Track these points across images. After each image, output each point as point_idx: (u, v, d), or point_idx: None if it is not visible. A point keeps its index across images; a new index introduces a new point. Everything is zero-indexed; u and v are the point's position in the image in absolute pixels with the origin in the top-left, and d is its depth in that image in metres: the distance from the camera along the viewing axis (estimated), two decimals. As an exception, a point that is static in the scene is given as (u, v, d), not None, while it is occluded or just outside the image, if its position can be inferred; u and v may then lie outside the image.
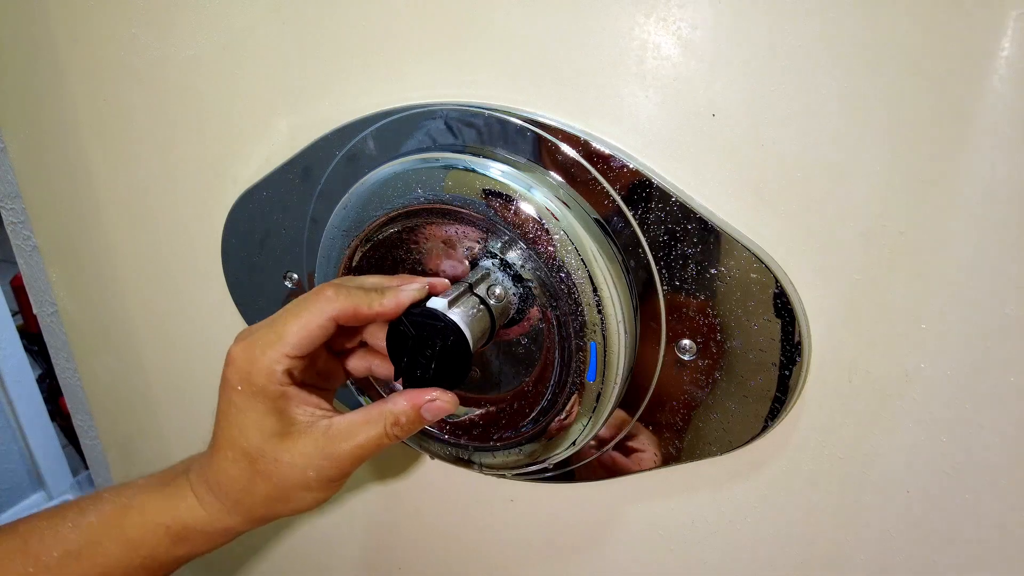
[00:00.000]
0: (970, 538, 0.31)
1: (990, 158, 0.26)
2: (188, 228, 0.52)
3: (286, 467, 0.31)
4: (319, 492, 0.33)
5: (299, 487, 0.32)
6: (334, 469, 0.32)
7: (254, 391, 0.31)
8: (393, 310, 0.32)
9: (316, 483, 0.32)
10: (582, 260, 0.32)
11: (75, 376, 0.71)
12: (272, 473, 0.32)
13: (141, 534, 0.34)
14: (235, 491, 0.33)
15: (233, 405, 0.32)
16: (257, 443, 0.32)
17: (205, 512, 0.33)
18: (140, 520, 0.34)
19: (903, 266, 0.29)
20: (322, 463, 0.31)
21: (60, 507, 0.35)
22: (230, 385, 0.32)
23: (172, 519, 0.34)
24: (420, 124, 0.36)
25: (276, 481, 0.32)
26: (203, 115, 0.46)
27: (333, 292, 0.32)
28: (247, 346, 0.32)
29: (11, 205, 0.63)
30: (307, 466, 0.31)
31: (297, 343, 0.31)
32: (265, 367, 0.31)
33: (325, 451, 0.31)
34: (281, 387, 0.31)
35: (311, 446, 0.31)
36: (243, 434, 0.32)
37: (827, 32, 0.27)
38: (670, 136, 0.31)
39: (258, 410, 0.31)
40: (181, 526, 0.34)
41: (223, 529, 0.34)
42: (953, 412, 0.30)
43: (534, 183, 0.33)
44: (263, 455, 0.32)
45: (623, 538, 0.42)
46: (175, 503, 0.34)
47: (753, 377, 0.32)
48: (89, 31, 0.48)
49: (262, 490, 0.32)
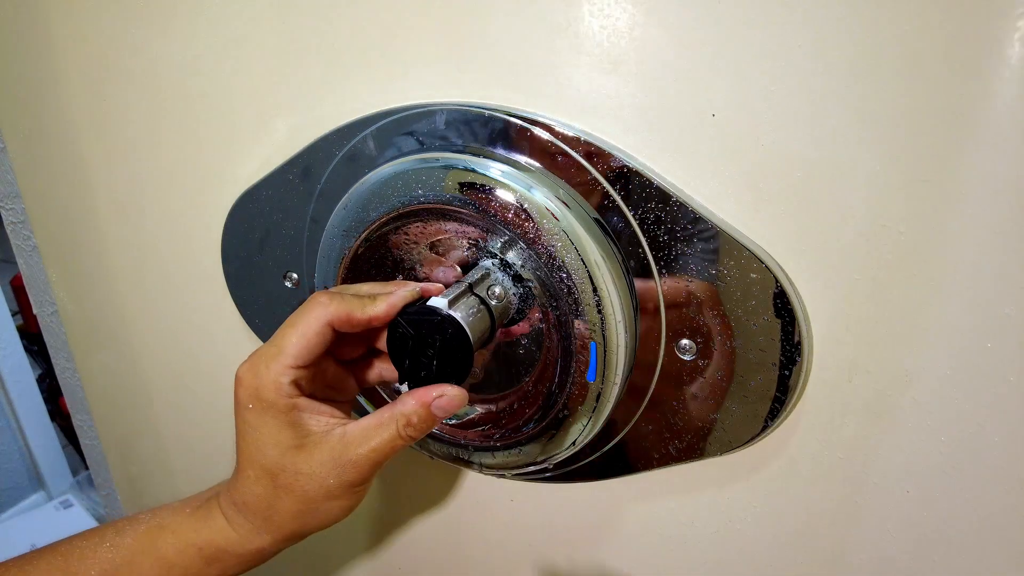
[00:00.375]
0: (970, 538, 0.31)
1: (990, 158, 0.26)
2: (188, 228, 0.52)
3: (306, 479, 0.32)
4: (344, 500, 0.33)
5: (323, 497, 0.32)
6: (354, 474, 0.32)
7: (264, 407, 0.32)
8: (385, 312, 0.32)
9: (339, 491, 0.32)
10: (582, 260, 0.32)
11: (75, 376, 0.71)
12: (294, 486, 0.32)
13: (175, 555, 0.34)
14: (262, 509, 0.33)
15: (248, 424, 0.32)
16: (275, 458, 0.32)
17: (236, 534, 0.34)
18: (174, 541, 0.35)
19: (903, 266, 0.29)
20: (341, 470, 0.32)
21: (99, 528, 0.36)
22: (242, 405, 0.32)
23: (205, 541, 0.34)
24: (420, 124, 0.36)
25: (300, 494, 0.32)
26: (203, 115, 0.46)
27: (327, 299, 0.32)
28: (252, 364, 0.32)
29: (11, 205, 0.63)
30: (327, 475, 0.32)
31: (297, 353, 0.32)
32: (272, 381, 0.31)
33: (342, 458, 0.32)
34: (290, 399, 0.32)
35: (327, 454, 0.32)
36: (260, 451, 0.32)
37: (827, 32, 0.27)
38: (670, 136, 0.31)
39: (271, 425, 0.32)
40: (213, 548, 0.34)
41: (255, 550, 0.34)
42: (953, 412, 0.30)
43: (534, 183, 0.33)
44: (283, 469, 0.32)
45: (623, 538, 0.42)
46: (206, 524, 0.34)
47: (753, 377, 0.32)
48: (89, 31, 0.48)
49: (288, 505, 0.32)
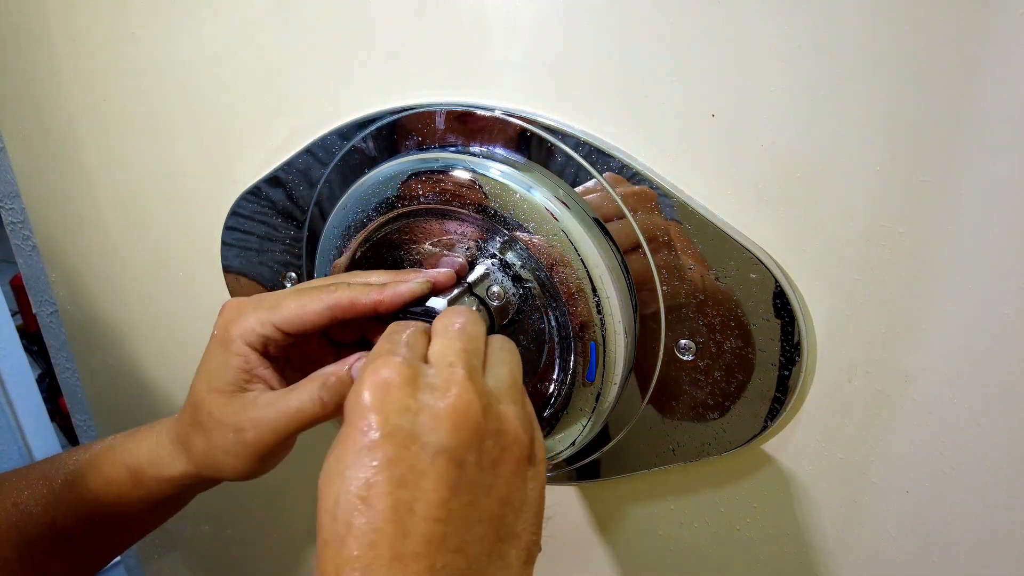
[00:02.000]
0: (970, 538, 0.31)
1: (990, 158, 0.26)
2: (188, 228, 0.52)
3: (215, 423, 0.31)
4: (237, 461, 0.31)
5: (221, 448, 0.31)
6: (252, 434, 0.30)
7: (224, 340, 0.32)
8: (391, 300, 0.31)
9: (234, 447, 0.31)
10: (581, 260, 0.32)
11: (75, 376, 0.71)
12: (204, 425, 0.32)
13: (111, 471, 0.35)
14: (183, 436, 0.33)
15: (208, 349, 0.33)
16: (203, 392, 0.32)
17: (157, 456, 0.34)
18: (112, 459, 0.35)
19: (903, 266, 0.29)
20: (242, 424, 0.30)
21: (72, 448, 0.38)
22: (214, 329, 0.33)
23: (132, 460, 0.35)
24: (420, 124, 0.36)
25: (207, 437, 0.32)
26: (203, 115, 0.46)
27: (335, 284, 0.32)
28: (240, 301, 0.32)
29: (11, 205, 0.63)
30: (230, 426, 0.31)
31: (288, 317, 0.31)
32: (245, 324, 0.31)
33: (249, 412, 0.30)
34: (248, 348, 0.31)
35: (238, 405, 0.31)
36: (198, 381, 0.32)
37: (827, 31, 0.27)
38: (670, 136, 0.31)
39: (217, 360, 0.32)
40: (137, 467, 0.34)
41: (173, 477, 0.34)
42: (953, 412, 0.30)
43: (534, 183, 0.33)
44: (202, 405, 0.32)
45: (623, 538, 0.42)
46: (138, 445, 0.35)
47: (753, 377, 0.32)
48: (89, 31, 0.48)
49: (198, 442, 0.32)
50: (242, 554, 0.66)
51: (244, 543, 0.65)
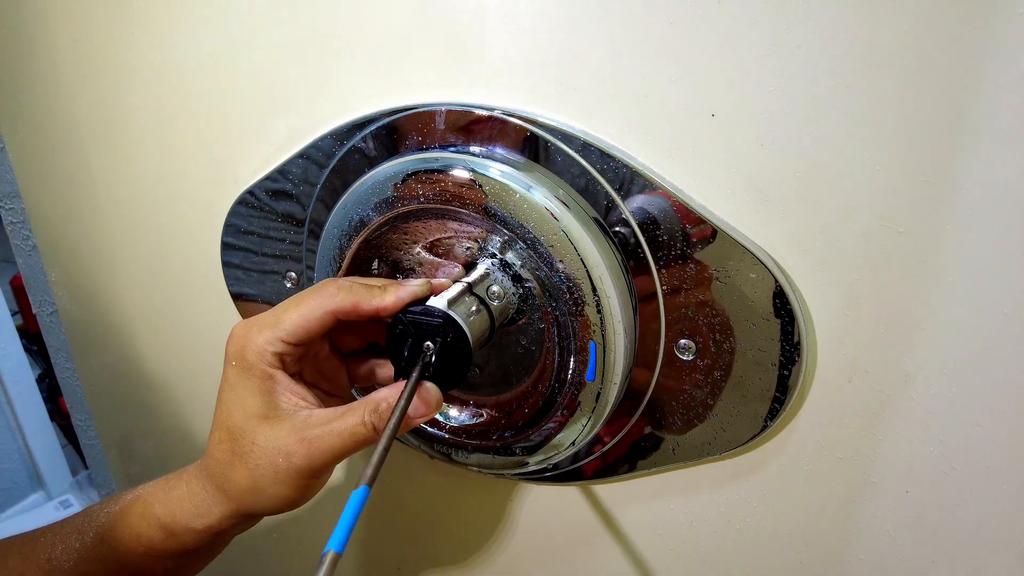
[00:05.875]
0: (970, 538, 0.31)
1: (990, 158, 0.26)
2: (188, 228, 0.52)
3: (260, 451, 0.31)
4: (285, 488, 0.31)
5: (271, 478, 0.31)
6: (304, 458, 0.30)
7: (244, 367, 0.32)
8: (392, 304, 0.32)
9: (285, 473, 0.31)
10: (581, 260, 0.32)
11: (74, 376, 0.71)
12: (248, 455, 0.31)
13: (141, 525, 0.34)
14: (218, 475, 0.32)
15: (227, 381, 0.32)
16: (239, 421, 0.32)
17: (191, 504, 0.33)
18: (141, 511, 0.34)
19: (903, 266, 0.29)
20: (293, 448, 0.30)
21: (108, 497, 0.37)
22: (227, 360, 0.32)
23: (164, 512, 0.34)
24: (420, 124, 0.36)
25: (252, 467, 0.31)
26: (203, 115, 0.46)
27: (335, 288, 0.32)
28: (247, 324, 0.32)
29: (11, 205, 0.63)
30: (279, 451, 0.30)
31: (292, 329, 0.32)
32: (258, 346, 0.31)
33: (298, 435, 0.30)
34: (270, 368, 0.32)
35: (286, 429, 0.31)
36: (229, 412, 0.32)
37: (827, 32, 0.27)
38: (670, 136, 0.31)
39: (245, 387, 0.32)
40: (170, 518, 0.34)
41: (206, 527, 0.33)
42: (953, 412, 0.30)
43: (533, 183, 0.33)
44: (243, 435, 0.31)
45: (623, 538, 0.42)
46: (168, 495, 0.34)
47: (753, 377, 0.32)
48: (89, 31, 0.48)
49: (240, 476, 0.31)
50: (240, 552, 0.66)
51: (242, 542, 0.65)
